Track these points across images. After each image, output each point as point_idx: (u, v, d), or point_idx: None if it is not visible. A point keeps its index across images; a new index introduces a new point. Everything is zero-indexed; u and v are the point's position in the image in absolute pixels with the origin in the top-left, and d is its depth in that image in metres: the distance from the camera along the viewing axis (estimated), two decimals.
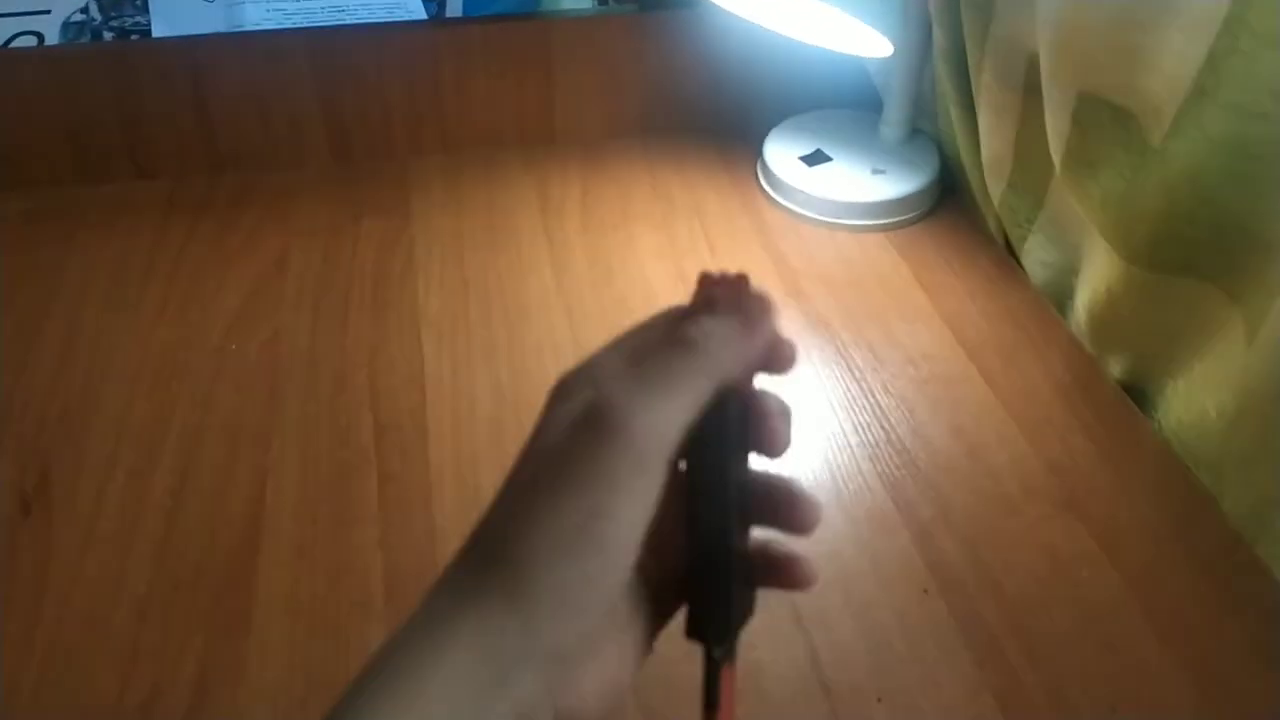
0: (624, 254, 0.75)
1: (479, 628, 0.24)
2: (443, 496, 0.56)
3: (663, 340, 0.28)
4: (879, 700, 0.47)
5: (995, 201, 0.73)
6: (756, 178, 0.82)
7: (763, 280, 0.73)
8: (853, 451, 0.60)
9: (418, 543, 0.54)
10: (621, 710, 0.46)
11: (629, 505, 0.25)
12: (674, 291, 0.72)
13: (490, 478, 0.58)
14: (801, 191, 0.78)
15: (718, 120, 0.87)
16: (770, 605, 0.52)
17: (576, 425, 0.26)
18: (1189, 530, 0.55)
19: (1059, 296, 0.71)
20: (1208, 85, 0.49)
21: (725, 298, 0.30)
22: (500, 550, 0.25)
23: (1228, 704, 0.48)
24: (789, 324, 0.69)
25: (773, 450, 0.30)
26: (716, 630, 0.30)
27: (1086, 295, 0.65)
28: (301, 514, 0.56)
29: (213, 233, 0.76)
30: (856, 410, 0.62)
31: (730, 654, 0.30)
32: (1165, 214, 0.55)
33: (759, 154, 0.82)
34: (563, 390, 0.29)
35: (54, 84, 0.76)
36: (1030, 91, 0.65)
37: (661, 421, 0.26)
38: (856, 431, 0.61)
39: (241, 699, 0.47)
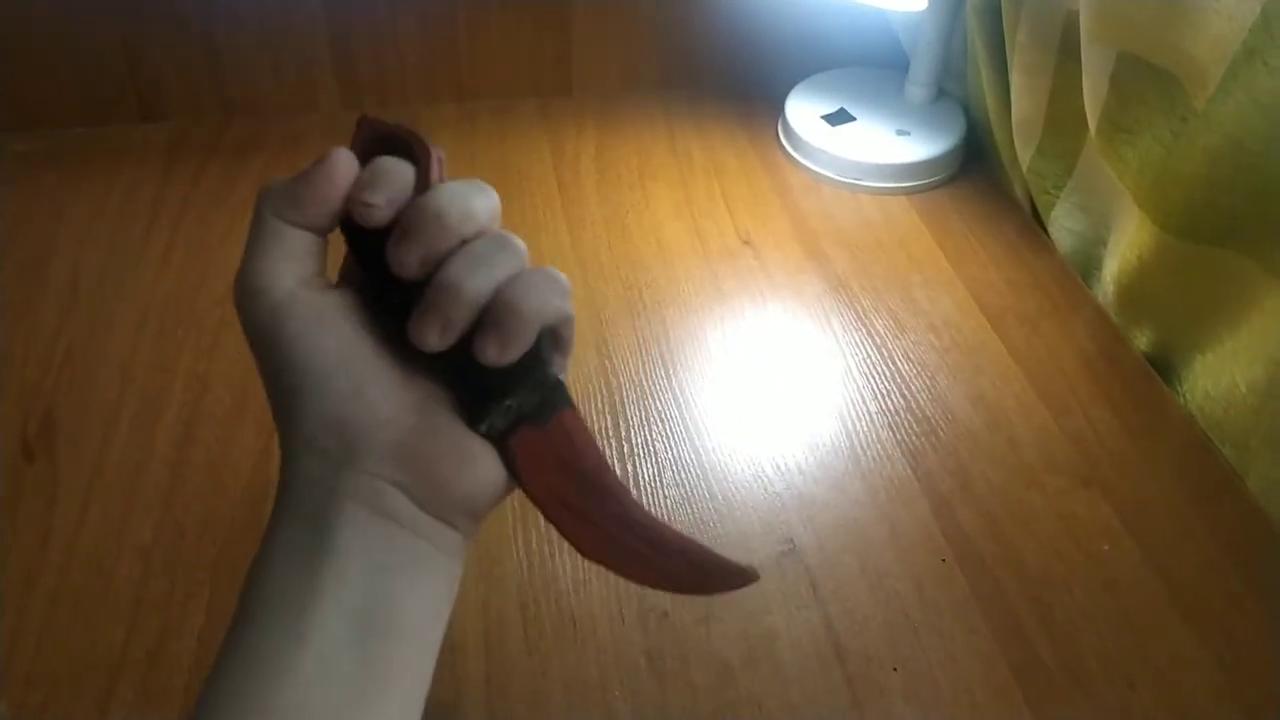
0: (640, 212, 0.73)
1: (300, 479, 0.31)
2: None
3: None
4: (895, 670, 0.47)
5: (1023, 166, 0.71)
6: (777, 136, 0.80)
7: (783, 241, 0.72)
8: (872, 419, 0.59)
9: None
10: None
11: (283, 335, 0.31)
12: (691, 250, 0.70)
13: None
14: (823, 151, 0.76)
15: (738, 76, 0.85)
16: (786, 572, 0.52)
17: None
18: (1212, 506, 0.54)
19: (1085, 266, 0.70)
20: (1259, 46, 0.47)
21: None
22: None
23: (1248, 680, 0.47)
24: (809, 286, 0.67)
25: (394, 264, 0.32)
26: (467, 411, 0.32)
27: (1116, 264, 0.64)
28: None
29: (220, 178, 0.75)
30: (876, 377, 0.61)
31: (517, 414, 0.32)
32: (1204, 181, 0.53)
33: (780, 112, 0.80)
34: None
35: (59, 20, 0.74)
36: (1066, 52, 0.63)
37: (249, 264, 0.32)
38: (876, 399, 0.60)
39: None
